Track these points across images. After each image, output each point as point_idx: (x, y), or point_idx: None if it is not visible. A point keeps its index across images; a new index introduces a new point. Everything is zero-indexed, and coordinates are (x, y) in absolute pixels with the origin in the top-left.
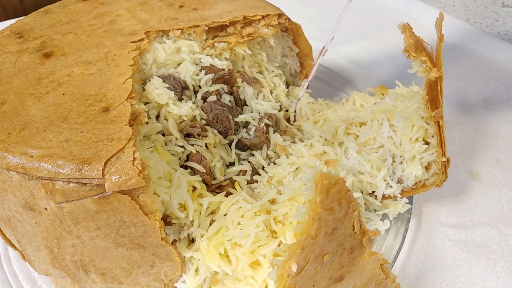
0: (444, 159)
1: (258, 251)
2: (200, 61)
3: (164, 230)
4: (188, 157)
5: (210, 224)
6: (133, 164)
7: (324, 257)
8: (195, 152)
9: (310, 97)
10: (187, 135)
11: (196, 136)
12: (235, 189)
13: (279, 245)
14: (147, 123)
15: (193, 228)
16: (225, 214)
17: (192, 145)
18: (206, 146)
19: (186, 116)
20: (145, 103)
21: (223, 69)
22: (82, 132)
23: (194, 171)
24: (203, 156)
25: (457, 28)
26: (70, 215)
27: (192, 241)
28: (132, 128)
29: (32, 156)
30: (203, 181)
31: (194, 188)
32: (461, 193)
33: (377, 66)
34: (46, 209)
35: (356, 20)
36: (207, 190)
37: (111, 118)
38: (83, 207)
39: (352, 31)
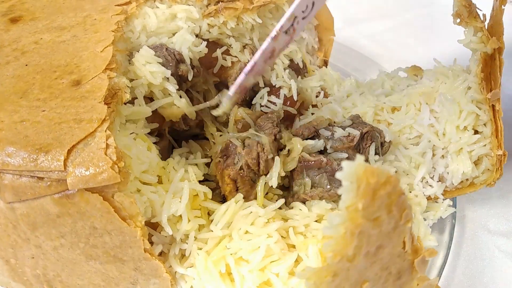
0: (500, 152)
1: (269, 268)
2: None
3: (148, 240)
4: None
5: None
6: (105, 153)
7: (363, 287)
8: None
9: (339, 76)
10: None
11: None
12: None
13: (296, 261)
14: (132, 103)
15: (187, 244)
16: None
17: None
18: None
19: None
20: (131, 80)
21: None
22: (43, 111)
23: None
24: None
25: None
26: (25, 219)
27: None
28: (109, 107)
29: None
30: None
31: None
32: (511, 194)
33: (403, 48)
34: None
35: None
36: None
37: (82, 93)
38: (41, 208)
39: (373, 9)
